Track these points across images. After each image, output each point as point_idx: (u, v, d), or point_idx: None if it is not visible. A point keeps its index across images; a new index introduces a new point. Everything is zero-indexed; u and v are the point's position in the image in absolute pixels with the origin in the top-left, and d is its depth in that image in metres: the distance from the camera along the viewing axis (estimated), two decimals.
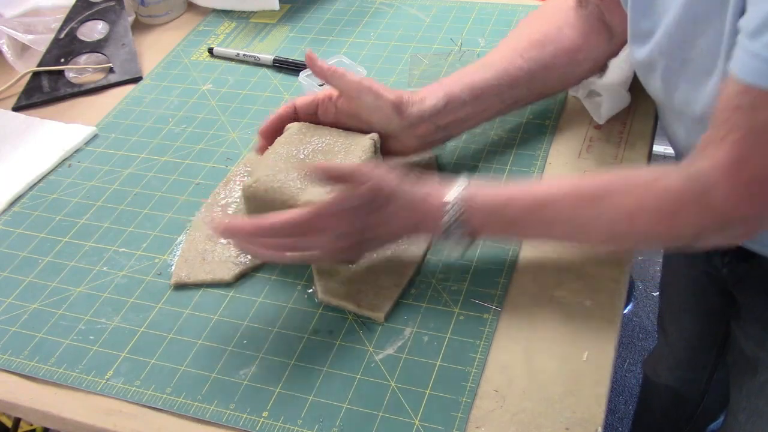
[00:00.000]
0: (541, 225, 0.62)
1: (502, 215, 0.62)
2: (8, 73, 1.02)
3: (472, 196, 0.62)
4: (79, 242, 0.76)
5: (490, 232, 0.64)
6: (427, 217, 0.63)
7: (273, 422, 0.58)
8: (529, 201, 0.62)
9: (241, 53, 1.00)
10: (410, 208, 0.63)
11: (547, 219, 0.61)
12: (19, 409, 0.63)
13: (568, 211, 0.60)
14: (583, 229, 0.61)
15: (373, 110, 0.71)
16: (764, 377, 0.81)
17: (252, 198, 0.69)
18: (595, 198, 0.59)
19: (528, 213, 0.62)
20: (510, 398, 0.58)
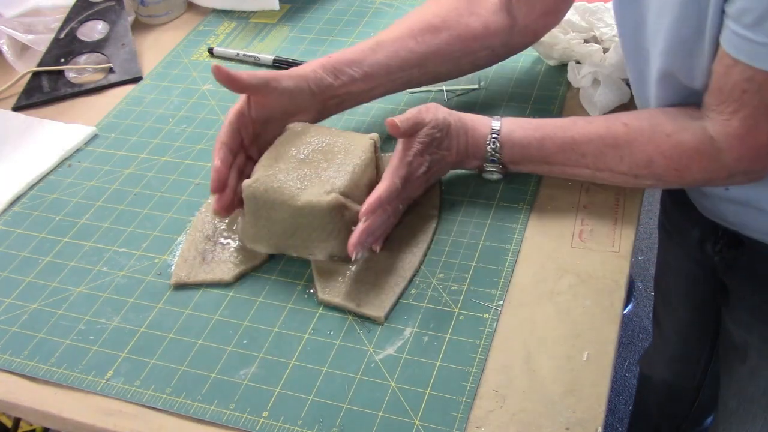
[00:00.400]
0: (570, 163, 0.70)
1: (537, 150, 0.70)
2: (8, 73, 1.02)
3: (511, 131, 0.71)
4: (79, 242, 0.76)
5: (522, 165, 0.73)
6: (472, 145, 0.72)
7: (273, 422, 0.58)
8: (561, 140, 0.69)
9: (241, 53, 1.00)
10: (463, 134, 0.72)
11: (575, 158, 0.69)
12: (19, 409, 0.63)
13: (596, 152, 0.68)
14: (606, 168, 0.68)
15: (294, 94, 0.74)
16: (753, 363, 0.82)
17: (252, 198, 0.69)
18: (622, 143, 0.67)
19: (560, 151, 0.70)
20: (510, 398, 0.58)
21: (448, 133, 0.71)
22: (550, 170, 0.72)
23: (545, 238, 0.70)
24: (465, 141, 0.72)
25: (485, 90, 0.88)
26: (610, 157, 0.67)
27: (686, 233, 0.89)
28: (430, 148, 0.71)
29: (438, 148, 0.71)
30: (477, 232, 0.71)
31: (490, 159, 0.72)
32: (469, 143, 0.72)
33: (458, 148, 0.72)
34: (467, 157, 0.73)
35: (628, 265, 0.67)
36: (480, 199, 0.75)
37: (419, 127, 0.70)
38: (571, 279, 0.66)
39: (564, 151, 0.69)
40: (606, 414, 0.57)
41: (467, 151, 0.73)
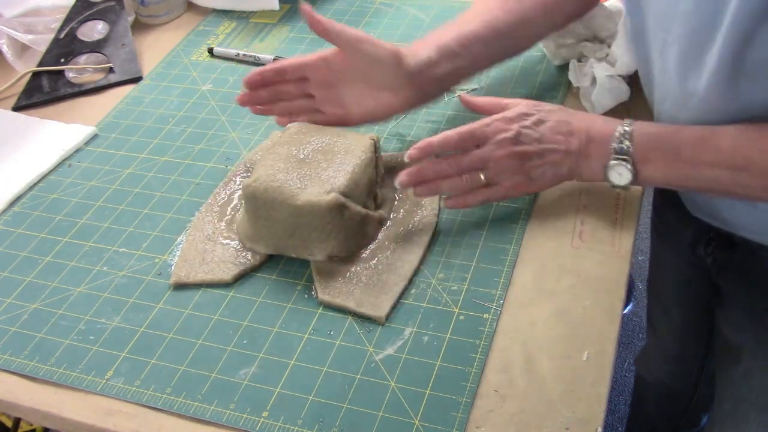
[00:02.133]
0: (705, 160, 0.62)
1: (670, 143, 0.64)
2: (8, 73, 1.02)
3: (643, 125, 0.65)
4: (79, 242, 0.76)
5: (655, 163, 0.64)
6: (600, 129, 0.66)
7: (273, 422, 0.58)
8: (697, 131, 0.63)
9: (241, 53, 1.00)
10: (584, 118, 0.67)
11: (711, 152, 0.62)
12: (19, 409, 0.63)
13: (734, 144, 0.61)
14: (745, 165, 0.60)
15: (373, 62, 0.72)
16: (747, 364, 0.82)
17: (252, 197, 0.69)
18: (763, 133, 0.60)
19: (695, 143, 0.62)
20: (510, 398, 0.58)
21: (553, 117, 0.67)
22: (686, 172, 0.63)
23: (545, 238, 0.70)
24: (588, 129, 0.66)
25: (485, 90, 0.88)
26: (751, 148, 0.60)
27: (678, 235, 0.89)
28: (523, 120, 0.67)
29: (537, 127, 0.67)
30: (477, 232, 0.71)
31: (618, 152, 0.65)
32: (593, 132, 0.66)
33: (577, 135, 0.66)
34: (590, 147, 0.66)
35: (628, 265, 0.67)
36: None
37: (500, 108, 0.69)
38: (571, 279, 0.66)
39: (699, 143, 0.62)
40: (606, 414, 0.57)
41: (591, 139, 0.66)
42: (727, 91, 0.60)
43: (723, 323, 0.87)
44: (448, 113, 0.86)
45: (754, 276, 0.79)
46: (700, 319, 0.99)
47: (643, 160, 0.64)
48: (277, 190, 0.68)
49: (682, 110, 0.66)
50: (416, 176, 0.68)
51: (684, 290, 0.99)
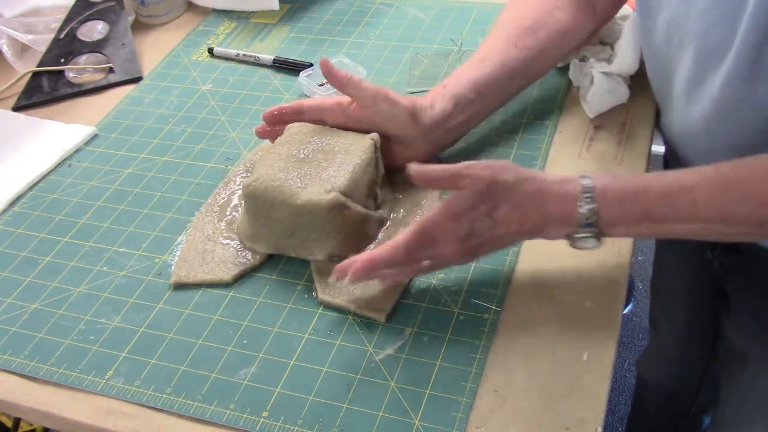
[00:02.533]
0: (677, 216, 0.58)
1: (639, 201, 0.58)
2: (8, 73, 1.02)
3: (605, 186, 0.59)
4: (79, 242, 0.76)
5: (623, 224, 0.59)
6: (558, 207, 0.60)
7: (273, 422, 0.58)
8: (665, 186, 0.58)
9: (241, 53, 1.00)
10: (539, 197, 0.60)
11: (683, 207, 0.57)
12: (19, 409, 0.63)
13: (706, 196, 0.56)
14: (721, 216, 0.57)
15: (388, 119, 0.72)
16: (753, 370, 0.81)
17: (252, 197, 0.69)
18: (733, 182, 0.56)
19: (664, 200, 0.58)
20: (510, 398, 0.58)
21: (507, 199, 0.60)
22: (655, 229, 0.60)
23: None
24: (544, 208, 0.60)
25: None
26: (725, 200, 0.56)
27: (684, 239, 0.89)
28: (473, 211, 0.60)
29: (490, 216, 0.60)
30: None
31: (586, 223, 0.59)
32: (550, 210, 0.60)
33: (532, 216, 0.60)
34: (548, 224, 0.60)
35: (628, 265, 0.67)
36: None
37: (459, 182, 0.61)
38: (571, 279, 0.66)
39: (669, 199, 0.58)
40: (606, 414, 0.57)
41: (549, 217, 0.60)
42: (742, 91, 0.60)
43: (729, 328, 0.86)
44: None
45: (761, 280, 0.78)
46: (704, 322, 0.98)
47: (610, 227, 0.59)
48: (277, 190, 0.68)
49: (694, 110, 0.65)
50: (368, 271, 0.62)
51: (689, 293, 0.99)
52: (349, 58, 0.94)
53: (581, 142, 0.80)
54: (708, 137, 0.67)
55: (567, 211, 0.59)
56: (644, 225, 0.59)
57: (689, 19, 0.61)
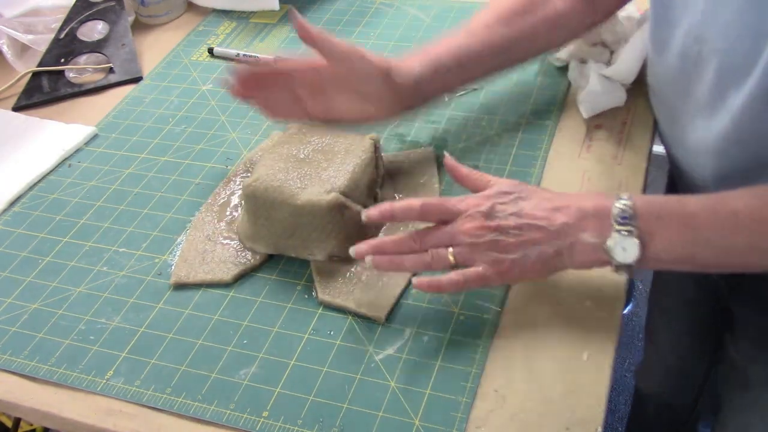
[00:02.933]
0: (718, 225, 0.55)
1: (680, 210, 0.56)
2: (8, 73, 1.02)
3: (640, 197, 0.57)
4: (79, 242, 0.76)
5: (665, 233, 0.56)
6: (592, 201, 0.57)
7: (273, 422, 0.58)
8: (704, 198, 0.56)
9: (241, 53, 1.00)
10: (573, 195, 0.59)
11: (724, 218, 0.55)
12: (19, 409, 0.63)
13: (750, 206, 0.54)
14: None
15: (362, 77, 0.71)
16: (756, 393, 0.80)
17: (252, 197, 0.69)
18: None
19: (705, 209, 0.55)
20: (510, 398, 0.58)
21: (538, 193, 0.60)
22: (697, 241, 0.55)
23: None
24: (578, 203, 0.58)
25: (485, 90, 0.88)
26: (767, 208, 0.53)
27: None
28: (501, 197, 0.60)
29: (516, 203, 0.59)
30: None
31: (622, 222, 0.56)
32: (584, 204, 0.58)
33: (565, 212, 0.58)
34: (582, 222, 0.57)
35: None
36: None
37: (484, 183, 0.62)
38: (571, 279, 0.66)
39: (711, 209, 0.55)
40: (606, 414, 0.57)
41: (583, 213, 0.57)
42: (765, 110, 0.57)
43: (732, 348, 0.84)
44: (447, 113, 0.86)
45: (766, 302, 0.76)
46: (705, 337, 0.97)
47: (650, 231, 0.56)
48: (277, 190, 0.68)
49: (710, 127, 0.62)
50: (375, 248, 0.62)
51: (691, 310, 0.97)
52: None
53: (581, 142, 0.80)
54: (722, 157, 0.63)
55: (602, 204, 0.57)
56: (688, 235, 0.55)
57: (711, 33, 0.58)
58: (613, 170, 0.76)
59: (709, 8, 0.57)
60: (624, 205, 0.56)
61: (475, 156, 0.80)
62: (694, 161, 0.68)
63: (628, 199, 0.56)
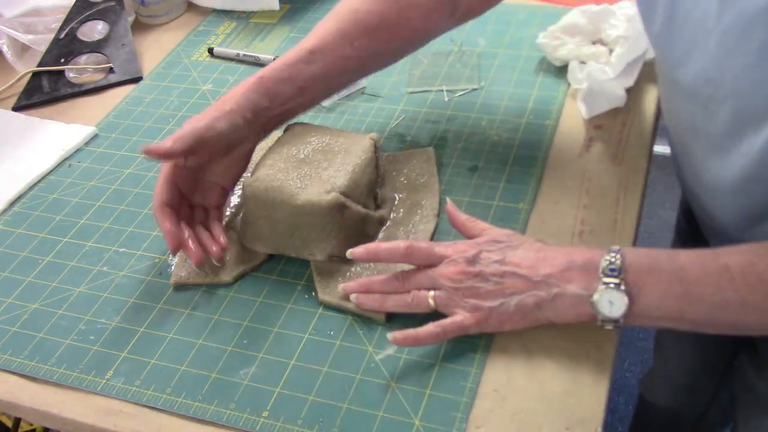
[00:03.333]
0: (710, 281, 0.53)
1: (670, 264, 0.54)
2: (8, 73, 1.02)
3: (630, 249, 0.56)
4: (79, 242, 0.76)
5: (653, 288, 0.54)
6: (582, 254, 0.57)
7: (273, 422, 0.58)
8: (695, 253, 0.55)
9: (241, 53, 1.00)
10: (563, 248, 0.59)
11: (715, 271, 0.53)
12: (19, 409, 0.63)
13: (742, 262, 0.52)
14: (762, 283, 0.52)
15: (230, 132, 0.68)
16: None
17: (252, 196, 0.69)
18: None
19: (696, 264, 0.54)
20: (510, 398, 0.58)
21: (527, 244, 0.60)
22: (686, 297, 0.54)
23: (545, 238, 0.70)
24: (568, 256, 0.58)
25: (485, 90, 0.88)
26: (761, 265, 0.52)
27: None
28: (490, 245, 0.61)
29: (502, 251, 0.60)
30: None
31: (609, 273, 0.55)
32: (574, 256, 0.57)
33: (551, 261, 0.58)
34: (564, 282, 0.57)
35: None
36: (480, 199, 0.74)
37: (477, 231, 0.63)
38: None
39: (700, 263, 0.54)
40: (606, 414, 0.57)
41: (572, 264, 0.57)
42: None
43: (751, 372, 0.80)
44: (448, 113, 0.86)
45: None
46: (717, 357, 0.95)
47: (639, 284, 0.54)
48: (277, 190, 0.68)
49: (728, 166, 0.59)
50: (362, 286, 0.64)
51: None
52: None
53: (581, 142, 0.80)
54: (741, 196, 0.61)
55: (591, 257, 0.56)
56: (677, 290, 0.54)
57: (726, 76, 0.54)
58: (613, 170, 0.76)
59: (722, 52, 0.53)
60: (613, 257, 0.55)
61: (475, 156, 0.80)
62: (711, 199, 0.66)
63: (617, 252, 0.56)
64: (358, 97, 0.90)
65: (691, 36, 0.56)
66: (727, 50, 0.52)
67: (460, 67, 0.92)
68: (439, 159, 0.80)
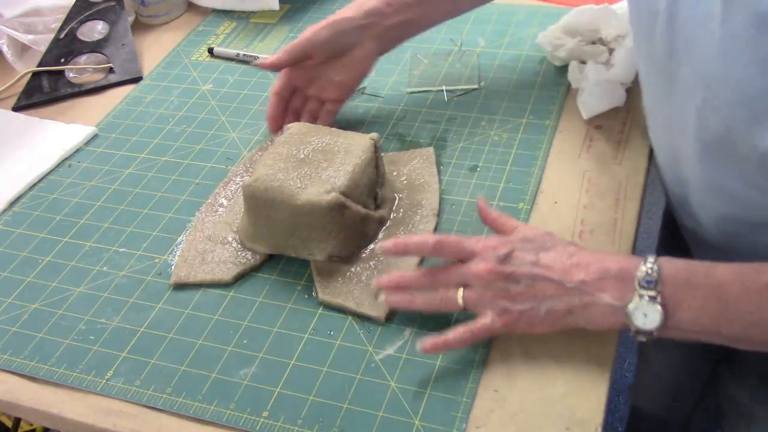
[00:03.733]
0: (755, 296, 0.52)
1: (708, 278, 0.53)
2: (8, 73, 1.02)
3: (667, 260, 0.55)
4: (79, 242, 0.76)
5: (690, 303, 0.53)
6: (618, 263, 0.55)
7: (273, 422, 0.58)
8: (734, 266, 0.53)
9: (241, 53, 1.00)
10: (598, 254, 0.57)
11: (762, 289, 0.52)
12: (19, 409, 0.63)
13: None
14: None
15: (336, 38, 0.78)
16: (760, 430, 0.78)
17: (251, 197, 0.69)
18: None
19: (735, 275, 0.53)
20: (510, 398, 0.58)
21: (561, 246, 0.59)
22: (723, 313, 0.53)
23: None
24: (602, 262, 0.56)
25: (485, 90, 0.88)
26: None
27: None
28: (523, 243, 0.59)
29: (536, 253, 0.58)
30: (477, 233, 0.71)
31: (646, 286, 0.53)
32: (609, 264, 0.56)
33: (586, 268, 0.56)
34: (597, 290, 0.55)
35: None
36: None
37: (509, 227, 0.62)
38: None
39: (740, 280, 0.52)
40: (606, 414, 0.57)
41: (606, 273, 0.55)
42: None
43: (732, 384, 0.81)
44: (448, 113, 0.86)
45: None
46: (700, 363, 0.95)
47: (675, 299, 0.53)
48: (277, 190, 0.68)
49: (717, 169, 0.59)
50: (392, 281, 0.62)
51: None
52: None
53: (581, 142, 0.80)
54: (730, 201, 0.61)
55: (627, 266, 0.55)
56: (714, 306, 0.53)
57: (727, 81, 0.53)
58: (613, 170, 0.76)
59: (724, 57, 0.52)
60: (650, 268, 0.54)
61: (475, 156, 0.80)
62: (695, 200, 0.66)
63: (654, 263, 0.54)
64: (358, 97, 0.90)
65: (690, 34, 0.54)
66: (729, 57, 0.51)
67: (460, 67, 0.92)
68: (439, 159, 0.80)
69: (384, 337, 0.63)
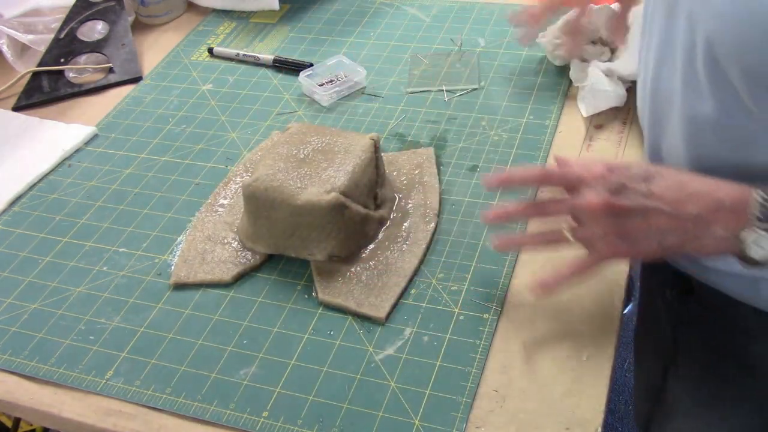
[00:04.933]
0: None
1: None
2: (8, 73, 1.02)
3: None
4: (79, 242, 0.76)
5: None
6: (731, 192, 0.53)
7: (273, 422, 0.58)
8: None
9: (241, 53, 1.00)
10: (712, 182, 0.54)
11: None
12: (19, 409, 0.63)
13: None
14: None
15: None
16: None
17: (251, 197, 0.69)
18: None
19: None
20: (510, 398, 0.58)
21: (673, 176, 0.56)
22: None
23: None
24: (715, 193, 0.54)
25: (485, 90, 0.88)
26: None
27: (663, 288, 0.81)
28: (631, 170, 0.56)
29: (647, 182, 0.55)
30: (477, 232, 0.71)
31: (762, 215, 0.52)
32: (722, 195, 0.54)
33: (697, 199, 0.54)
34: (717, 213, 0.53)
35: (628, 265, 0.67)
36: (480, 199, 0.75)
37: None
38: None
39: None
40: (606, 414, 0.57)
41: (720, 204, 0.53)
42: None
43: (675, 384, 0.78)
44: (448, 113, 0.86)
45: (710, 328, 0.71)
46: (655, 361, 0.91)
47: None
48: (277, 190, 0.68)
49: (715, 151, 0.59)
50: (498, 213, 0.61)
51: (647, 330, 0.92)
52: (349, 58, 0.94)
53: (581, 142, 0.80)
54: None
55: (740, 197, 0.53)
56: None
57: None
58: None
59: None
60: (764, 198, 0.52)
61: (475, 156, 0.80)
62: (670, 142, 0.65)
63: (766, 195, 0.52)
64: (358, 97, 0.90)
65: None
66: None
67: (460, 67, 0.92)
68: (439, 159, 0.80)
69: (384, 337, 0.63)
